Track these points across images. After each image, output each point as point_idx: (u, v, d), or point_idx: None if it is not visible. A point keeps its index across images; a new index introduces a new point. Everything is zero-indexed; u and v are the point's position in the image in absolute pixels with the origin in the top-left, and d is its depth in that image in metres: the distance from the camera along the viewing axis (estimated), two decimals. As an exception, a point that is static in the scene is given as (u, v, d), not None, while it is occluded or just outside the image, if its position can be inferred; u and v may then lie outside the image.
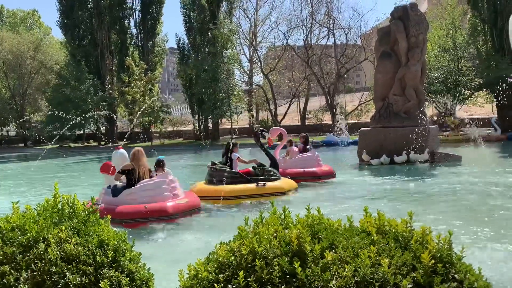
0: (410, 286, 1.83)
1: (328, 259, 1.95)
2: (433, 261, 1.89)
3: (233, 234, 2.35)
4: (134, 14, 52.87)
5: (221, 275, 2.03)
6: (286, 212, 2.34)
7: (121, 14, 52.00)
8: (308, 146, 14.11)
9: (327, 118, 46.59)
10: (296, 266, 1.90)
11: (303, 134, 15.84)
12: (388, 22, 19.07)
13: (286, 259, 1.97)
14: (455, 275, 1.91)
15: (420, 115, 17.06)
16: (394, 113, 17.82)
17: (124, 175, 8.55)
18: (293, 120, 55.08)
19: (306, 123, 48.29)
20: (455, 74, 36.30)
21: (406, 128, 16.77)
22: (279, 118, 44.46)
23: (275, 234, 2.13)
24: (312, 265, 1.95)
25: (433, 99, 34.49)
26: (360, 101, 47.86)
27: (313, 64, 43.98)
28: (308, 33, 45.26)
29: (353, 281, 1.86)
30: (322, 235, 2.15)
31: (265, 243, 2.06)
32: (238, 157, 11.27)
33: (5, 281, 2.33)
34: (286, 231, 2.14)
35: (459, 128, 27.77)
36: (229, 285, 1.97)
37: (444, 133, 27.89)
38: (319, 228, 2.21)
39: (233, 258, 2.08)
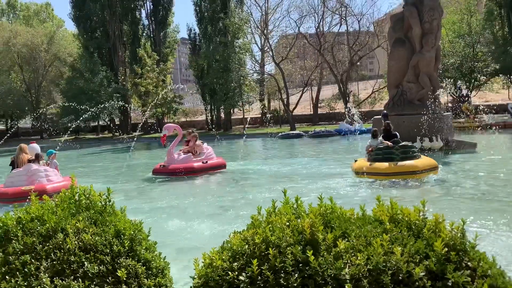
0: (422, 274, 1.83)
1: (341, 247, 1.97)
2: (446, 249, 1.89)
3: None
4: (145, 5, 52.99)
5: (235, 264, 2.06)
6: (299, 202, 2.36)
7: (132, 5, 52.13)
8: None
9: (340, 107, 46.28)
10: (309, 255, 1.92)
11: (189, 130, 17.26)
12: (402, 8, 18.78)
13: (299, 248, 1.99)
14: (469, 263, 1.91)
15: (434, 102, 16.84)
16: (408, 101, 17.64)
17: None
18: (305, 109, 54.88)
19: (319, 112, 48.07)
20: (470, 60, 35.68)
21: (420, 115, 16.58)
22: (291, 107, 44.30)
23: (287, 223, 2.15)
24: (325, 253, 1.97)
25: (448, 86, 34.01)
26: (373, 89, 47.42)
27: (326, 52, 43.63)
28: (320, 21, 44.91)
29: (366, 269, 1.88)
30: (335, 224, 2.16)
31: (278, 232, 2.08)
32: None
33: (26, 270, 2.39)
34: (299, 220, 2.16)
35: (474, 114, 27.38)
36: (243, 273, 2.00)
37: (459, 120, 27.51)
38: (331, 217, 2.22)
39: (246, 247, 2.11)
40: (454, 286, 1.80)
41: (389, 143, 11.24)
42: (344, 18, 44.71)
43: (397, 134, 12.03)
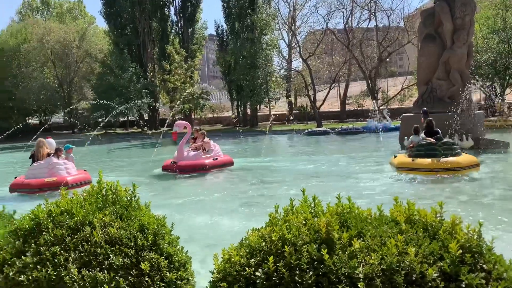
0: (436, 275, 1.85)
1: (356, 247, 2.00)
2: (460, 251, 1.90)
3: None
4: (174, 1, 53.58)
5: (252, 260, 2.13)
6: (316, 201, 2.40)
7: (161, 2, 52.84)
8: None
9: (368, 103, 45.64)
10: (323, 253, 1.96)
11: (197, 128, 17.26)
12: (433, 3, 18.36)
13: (314, 246, 2.03)
14: (484, 265, 1.91)
15: (465, 100, 16.42)
16: (438, 98, 17.27)
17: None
18: (332, 106, 54.38)
19: (346, 109, 47.56)
20: (505, 56, 34.47)
21: (450, 113, 16.20)
22: (318, 103, 43.99)
23: (304, 222, 2.20)
24: (340, 252, 2.01)
25: (480, 83, 33.04)
26: (403, 86, 46.53)
27: (354, 48, 43.07)
28: (349, 16, 44.34)
29: (380, 269, 1.91)
30: (351, 224, 2.19)
31: (294, 230, 2.13)
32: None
33: (56, 260, 2.53)
34: (316, 219, 2.20)
35: (508, 113, 26.52)
36: (260, 269, 2.06)
37: (491, 118, 26.71)
38: (348, 217, 2.25)
39: (263, 244, 2.17)
40: (467, 288, 1.81)
41: (432, 140, 11.30)
42: (373, 13, 43.95)
43: (439, 131, 12.04)
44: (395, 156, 12.29)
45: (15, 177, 12.10)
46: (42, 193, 10.73)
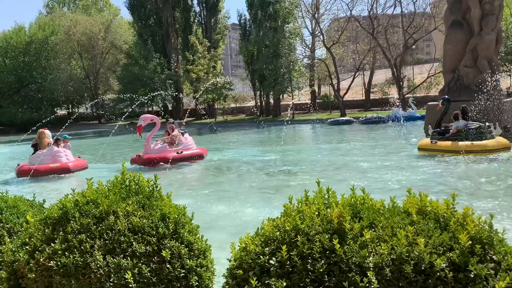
0: (444, 265, 1.89)
1: (367, 237, 2.05)
2: (470, 242, 1.93)
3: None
4: (197, -9, 53.64)
5: (267, 249, 2.21)
6: (330, 192, 2.45)
7: (184, -8, 52.99)
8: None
9: (393, 92, 44.87)
10: (335, 243, 2.03)
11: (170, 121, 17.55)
12: (459, -11, 17.85)
13: (327, 236, 2.10)
14: (493, 256, 1.94)
15: (494, 87, 15.99)
16: (465, 86, 16.87)
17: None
18: (357, 95, 53.71)
19: (371, 97, 46.92)
20: (537, 41, 33.25)
21: (477, 102, 15.82)
22: (342, 92, 43.53)
23: (317, 213, 2.26)
24: (351, 242, 2.06)
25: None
26: (429, 73, 45.50)
27: (379, 36, 42.28)
28: (373, 3, 43.46)
29: (389, 259, 1.96)
30: (364, 215, 2.24)
31: (307, 221, 2.20)
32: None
33: (82, 247, 2.68)
34: (329, 210, 2.26)
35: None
36: (273, 258, 2.14)
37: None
38: (361, 208, 2.30)
39: (278, 233, 2.25)
40: (476, 278, 1.85)
41: (481, 124, 12.89)
42: (398, 0, 43.02)
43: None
44: (436, 142, 13.35)
45: (18, 164, 13.80)
46: (44, 176, 13.12)
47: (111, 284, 2.54)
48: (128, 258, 2.63)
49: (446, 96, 15.33)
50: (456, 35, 17.06)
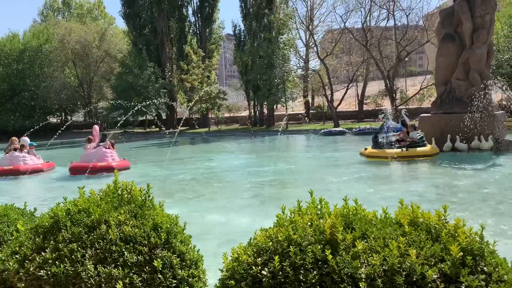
0: (436, 276, 1.89)
1: (359, 248, 2.06)
2: (461, 253, 1.94)
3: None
4: (192, 1, 53.95)
5: (259, 259, 2.20)
6: (323, 202, 2.46)
7: (179, 2, 53.27)
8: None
9: (386, 103, 45.17)
10: (327, 254, 2.03)
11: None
12: (452, 2, 18.12)
13: (319, 247, 2.10)
14: (484, 268, 1.95)
15: (485, 100, 16.17)
16: (457, 99, 17.05)
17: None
18: (350, 106, 54.04)
19: (364, 109, 47.19)
20: (527, 55, 33.73)
21: (468, 114, 15.97)
22: (335, 103, 43.76)
23: (310, 223, 2.27)
24: (343, 253, 2.07)
25: (502, 83, 32.36)
26: (421, 85, 45.93)
27: (372, 48, 42.67)
28: (367, 15, 43.94)
29: (381, 270, 1.96)
30: (356, 225, 2.25)
31: (300, 231, 2.20)
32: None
33: (73, 256, 2.65)
34: (321, 220, 2.27)
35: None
36: (266, 268, 2.13)
37: (513, 118, 26.12)
38: (354, 219, 2.31)
39: (270, 244, 2.25)
40: (467, 290, 1.85)
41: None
42: (391, 12, 43.49)
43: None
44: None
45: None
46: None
47: (102, 294, 2.52)
48: (120, 267, 2.61)
49: (387, 109, 17.10)
50: (448, 48, 17.27)
